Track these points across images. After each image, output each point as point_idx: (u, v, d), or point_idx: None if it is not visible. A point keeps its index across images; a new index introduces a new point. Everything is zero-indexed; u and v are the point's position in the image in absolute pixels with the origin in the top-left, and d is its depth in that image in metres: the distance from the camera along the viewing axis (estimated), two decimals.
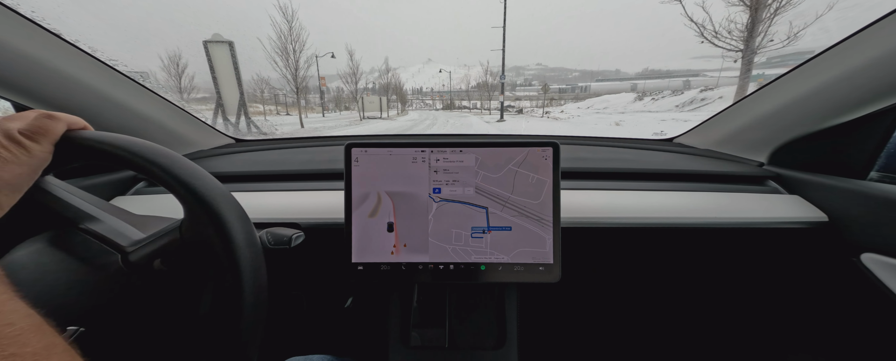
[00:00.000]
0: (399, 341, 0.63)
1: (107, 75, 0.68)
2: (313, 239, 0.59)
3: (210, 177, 0.32)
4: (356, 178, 0.52)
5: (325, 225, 0.62)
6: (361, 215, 0.52)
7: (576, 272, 0.62)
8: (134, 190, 0.73)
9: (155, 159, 0.29)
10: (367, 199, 0.52)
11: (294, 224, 0.60)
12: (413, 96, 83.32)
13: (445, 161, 0.52)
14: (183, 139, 0.87)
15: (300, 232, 0.54)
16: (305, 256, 0.57)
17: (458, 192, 0.52)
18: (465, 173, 0.52)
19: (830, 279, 0.65)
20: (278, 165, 0.81)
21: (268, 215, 0.63)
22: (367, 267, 0.52)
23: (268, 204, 0.66)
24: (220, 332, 0.31)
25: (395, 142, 0.52)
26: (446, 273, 0.52)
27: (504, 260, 0.52)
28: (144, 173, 0.30)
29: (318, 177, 0.76)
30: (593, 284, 0.86)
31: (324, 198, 0.67)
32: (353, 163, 0.52)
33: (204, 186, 0.30)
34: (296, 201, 0.67)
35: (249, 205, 0.39)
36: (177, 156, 0.31)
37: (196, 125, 0.90)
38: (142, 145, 0.30)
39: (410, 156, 0.52)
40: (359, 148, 0.52)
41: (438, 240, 0.52)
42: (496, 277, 0.52)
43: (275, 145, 1.00)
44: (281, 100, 28.86)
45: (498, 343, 0.63)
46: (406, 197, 0.52)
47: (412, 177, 0.52)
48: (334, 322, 0.85)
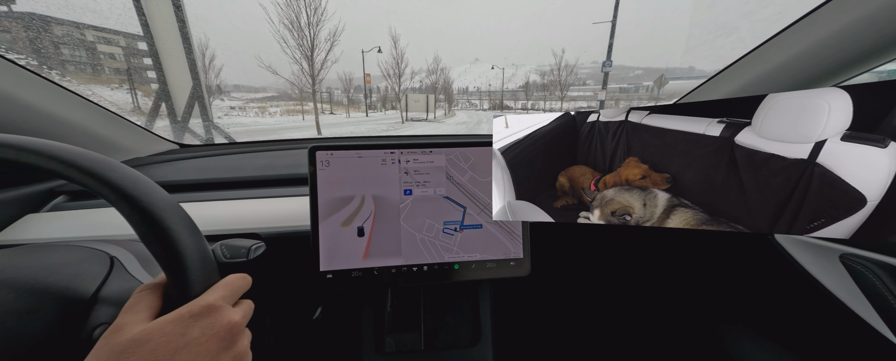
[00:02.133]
0: (372, 349, 0.61)
1: (11, 73, 0.58)
2: (275, 249, 0.55)
3: (150, 184, 0.28)
4: (322, 183, 0.49)
5: (287, 233, 0.58)
6: (329, 221, 0.50)
7: (546, 266, 0.65)
8: (51, 206, 0.63)
9: (77, 162, 0.25)
10: (336, 204, 0.50)
11: (253, 234, 0.56)
12: (459, 95, 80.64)
13: (416, 162, 0.52)
14: (115, 145, 0.77)
15: (260, 243, 0.50)
16: (267, 268, 0.53)
17: (429, 194, 0.52)
18: (435, 174, 0.52)
19: (756, 255, 0.74)
20: (233, 171, 0.75)
21: (222, 226, 0.57)
22: (336, 275, 0.50)
23: (221, 214, 0.61)
24: None
25: (362, 145, 0.51)
26: (420, 274, 0.52)
27: (476, 257, 0.53)
28: (69, 180, 0.25)
29: (278, 183, 0.71)
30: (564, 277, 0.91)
31: (286, 205, 0.63)
32: (320, 166, 0.49)
33: (141, 194, 0.26)
34: (254, 209, 0.62)
35: (200, 216, 0.36)
36: (109, 160, 0.27)
37: (129, 129, 0.80)
38: (62, 148, 0.26)
39: (379, 158, 0.51)
40: (324, 151, 0.50)
41: (412, 228, 0.51)
42: (469, 275, 0.53)
43: (227, 150, 0.92)
44: (333, 97, 24.86)
45: (473, 340, 0.63)
46: (377, 201, 0.51)
47: (383, 179, 0.51)
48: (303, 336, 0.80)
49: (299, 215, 0.59)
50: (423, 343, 0.62)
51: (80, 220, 0.59)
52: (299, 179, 0.71)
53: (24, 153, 0.24)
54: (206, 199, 0.65)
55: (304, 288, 0.69)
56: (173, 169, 0.78)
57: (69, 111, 0.66)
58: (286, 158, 0.84)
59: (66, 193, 0.66)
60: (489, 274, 0.53)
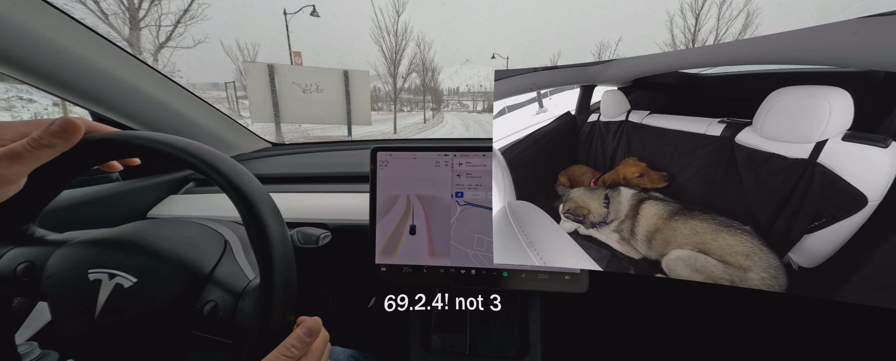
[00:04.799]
0: (419, 344, 0.63)
1: (164, 86, 0.76)
2: (340, 239, 0.61)
3: (252, 177, 0.34)
4: (381, 181, 0.53)
5: (350, 226, 0.64)
6: (386, 217, 0.53)
7: (606, 283, 0.59)
8: (184, 190, 0.81)
9: (206, 158, 0.32)
10: (391, 202, 0.53)
11: (322, 224, 0.63)
12: (449, 96, 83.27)
13: (468, 165, 0.52)
14: (227, 143, 0.95)
15: (328, 232, 0.56)
16: (332, 256, 0.59)
17: (480, 196, 0.51)
18: (487, 177, 0.51)
19: None
20: (309, 168, 0.86)
21: (299, 215, 0.66)
22: (389, 269, 0.53)
23: (299, 204, 0.70)
24: (250, 323, 0.33)
25: (419, 146, 0.53)
26: (468, 277, 0.52)
27: (527, 266, 0.50)
28: (197, 171, 0.33)
29: (345, 179, 0.79)
30: (626, 294, 0.81)
31: (350, 200, 0.69)
32: (379, 166, 0.53)
33: (245, 185, 0.32)
34: (324, 202, 0.70)
35: (283, 205, 0.42)
36: (225, 156, 0.34)
37: (238, 130, 0.98)
38: (195, 146, 0.33)
39: (433, 160, 0.52)
40: (384, 152, 0.53)
41: (460, 244, 0.51)
42: (519, 284, 0.51)
43: (307, 149, 1.06)
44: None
45: (520, 353, 0.61)
46: (429, 201, 0.52)
47: (435, 180, 0.52)
48: (358, 320, 0.87)
49: (361, 210, 0.64)
50: (468, 346, 0.61)
51: (204, 202, 0.74)
52: (363, 177, 0.78)
53: (168, 147, 0.32)
54: (287, 191, 0.75)
55: (361, 277, 0.75)
56: (266, 164, 0.92)
57: (198, 114, 0.84)
58: (353, 157, 0.93)
59: (195, 180, 0.84)
60: (541, 285, 0.50)
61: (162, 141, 0.32)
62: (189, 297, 0.35)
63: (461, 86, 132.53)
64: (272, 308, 0.32)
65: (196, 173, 0.45)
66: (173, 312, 0.35)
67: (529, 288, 0.51)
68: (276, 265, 0.32)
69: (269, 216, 0.32)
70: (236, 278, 0.37)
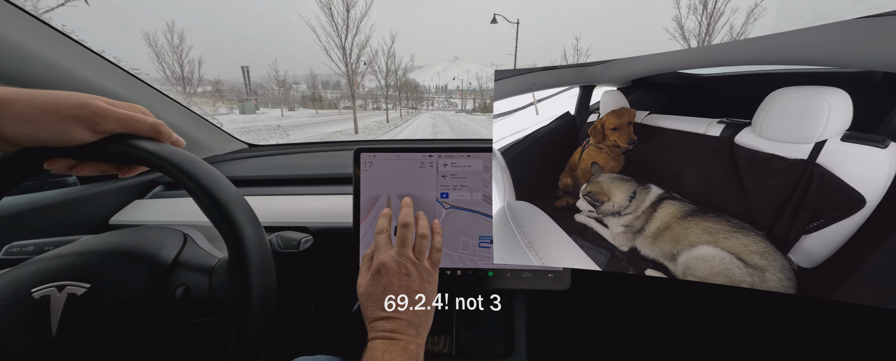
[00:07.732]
0: None
1: (130, 84, 0.71)
2: (322, 242, 0.59)
3: (225, 181, 0.32)
4: (365, 183, 0.52)
5: (333, 229, 0.62)
6: (369, 218, 0.52)
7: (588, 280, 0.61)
8: (152, 194, 0.76)
9: (169, 158, 0.30)
10: (375, 204, 0.52)
11: (303, 228, 0.61)
12: (437, 94, 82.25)
13: (453, 166, 0.52)
14: (200, 144, 0.90)
15: (309, 236, 0.55)
16: (314, 260, 0.57)
17: (465, 198, 0.52)
18: (472, 178, 0.52)
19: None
20: (289, 170, 0.83)
21: (278, 219, 0.64)
22: None
23: (278, 207, 0.67)
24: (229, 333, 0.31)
25: (403, 148, 0.53)
26: (453, 278, 0.52)
27: (512, 266, 0.51)
28: (162, 172, 0.31)
29: (327, 181, 0.77)
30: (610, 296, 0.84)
31: (333, 202, 0.67)
32: (363, 167, 0.52)
33: (218, 190, 0.31)
34: (305, 205, 0.68)
35: (261, 209, 0.40)
36: (193, 156, 0.32)
37: (211, 130, 0.93)
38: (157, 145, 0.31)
39: (418, 161, 0.52)
40: (368, 152, 0.52)
41: (446, 247, 0.51)
42: (504, 283, 0.51)
43: (287, 150, 1.02)
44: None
45: (506, 351, 0.61)
46: (414, 202, 0.52)
47: (419, 181, 0.52)
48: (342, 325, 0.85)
49: (343, 212, 0.63)
50: (454, 347, 0.61)
51: (171, 207, 0.70)
52: (345, 178, 0.76)
53: (138, 150, 0.30)
54: (266, 194, 0.72)
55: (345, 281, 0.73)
56: (243, 166, 0.88)
57: (170, 114, 0.79)
58: (334, 158, 0.90)
59: (163, 184, 0.79)
60: (525, 284, 0.51)
61: (131, 144, 0.30)
62: (156, 287, 0.34)
63: (448, 83, 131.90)
64: (250, 317, 0.30)
65: (165, 176, 0.43)
66: (142, 304, 0.33)
67: (514, 287, 0.51)
68: (254, 272, 0.30)
69: (243, 219, 0.31)
70: (204, 259, 0.37)
